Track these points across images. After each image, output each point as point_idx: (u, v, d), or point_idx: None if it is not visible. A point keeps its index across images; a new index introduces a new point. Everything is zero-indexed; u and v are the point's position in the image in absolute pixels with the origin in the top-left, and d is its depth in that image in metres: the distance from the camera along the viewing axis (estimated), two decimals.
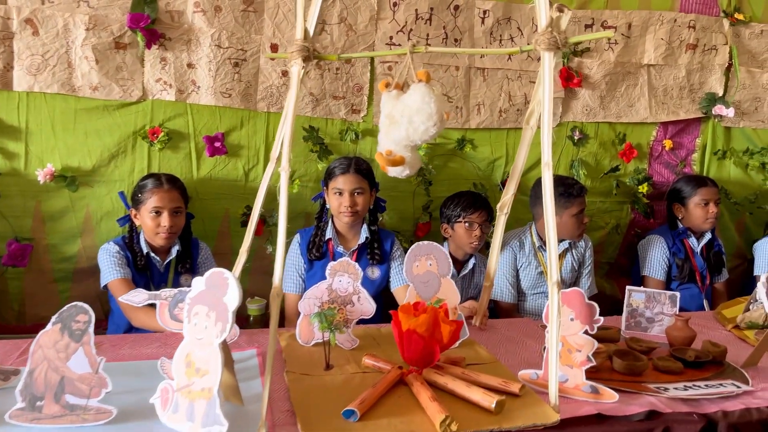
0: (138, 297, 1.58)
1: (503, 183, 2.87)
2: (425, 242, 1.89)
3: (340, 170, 2.34)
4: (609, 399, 1.54)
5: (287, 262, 2.45)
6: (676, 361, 1.79)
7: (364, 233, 2.41)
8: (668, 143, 3.07)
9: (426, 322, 1.55)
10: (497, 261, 2.05)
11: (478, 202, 2.52)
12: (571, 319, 1.58)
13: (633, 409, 1.47)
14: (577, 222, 2.57)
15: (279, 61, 2.47)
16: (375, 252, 2.41)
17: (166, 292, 1.59)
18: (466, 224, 2.50)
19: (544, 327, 1.59)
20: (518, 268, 2.67)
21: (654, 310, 2.13)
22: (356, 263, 1.80)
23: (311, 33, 1.57)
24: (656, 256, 2.87)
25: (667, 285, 2.89)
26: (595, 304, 1.57)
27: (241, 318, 2.53)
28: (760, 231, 3.27)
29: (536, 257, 2.66)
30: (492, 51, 2.64)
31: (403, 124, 1.51)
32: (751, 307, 2.22)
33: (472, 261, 2.62)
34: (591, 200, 3.01)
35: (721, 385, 1.67)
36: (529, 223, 2.73)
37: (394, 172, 1.59)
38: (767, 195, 3.21)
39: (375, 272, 2.41)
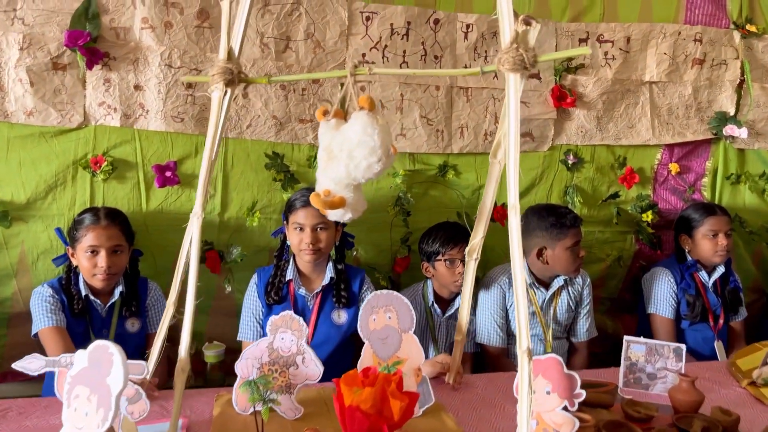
0: (33, 364, 1.34)
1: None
2: (384, 292, 1.64)
3: (300, 203, 2.10)
4: None
5: (244, 305, 2.21)
6: None
7: (329, 273, 2.16)
8: (674, 167, 2.79)
9: (372, 398, 1.29)
10: (468, 314, 1.79)
11: (458, 235, 2.26)
12: (548, 393, 1.31)
13: None
14: (571, 256, 2.29)
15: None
16: (341, 294, 2.15)
17: (67, 358, 1.34)
18: (447, 262, 2.24)
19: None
20: (507, 307, 2.39)
21: (656, 364, 1.85)
22: (300, 318, 1.55)
23: (236, 52, 1.33)
24: (662, 292, 2.58)
25: (677, 325, 2.60)
26: (576, 375, 1.30)
27: (199, 363, 2.29)
28: None
29: (528, 295, 2.38)
30: (451, 72, 2.37)
31: (342, 160, 1.27)
32: None
33: (458, 301, 2.35)
34: (589, 230, 2.75)
35: None
36: None
37: (334, 215, 1.35)
38: None
39: (342, 316, 2.15)
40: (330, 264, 2.18)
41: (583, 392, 1.29)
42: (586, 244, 2.76)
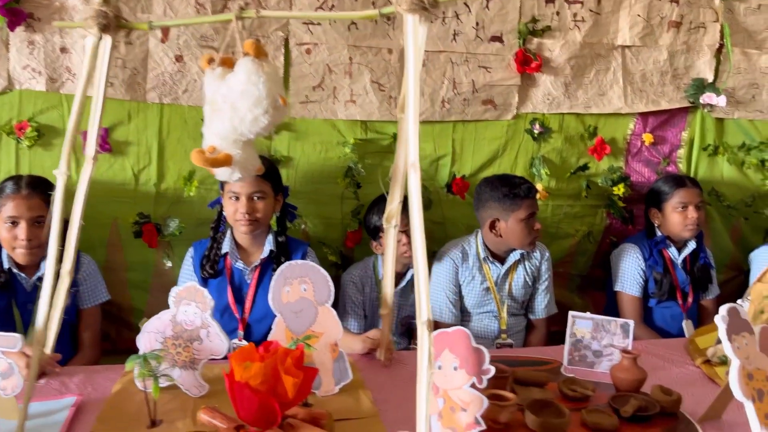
0: None
1: (450, 186, 2.49)
2: (299, 262, 1.53)
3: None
4: None
5: (179, 280, 2.10)
6: (612, 415, 1.40)
7: (268, 245, 2.05)
8: (648, 137, 2.64)
9: (261, 374, 1.18)
10: (392, 285, 1.67)
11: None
12: (455, 368, 1.20)
13: None
14: (526, 228, 2.17)
15: (172, 44, 2.12)
16: None
17: None
18: None
19: None
20: (461, 283, 2.28)
21: (602, 341, 1.73)
22: (205, 290, 1.45)
23: None
24: (629, 269, 2.46)
25: (645, 303, 2.48)
26: (484, 349, 1.19)
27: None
28: (758, 238, 2.82)
29: (482, 270, 2.27)
30: (345, 15, 2.15)
31: (226, 112, 1.15)
32: None
33: (410, 272, 2.25)
34: (557, 204, 2.62)
35: None
36: (476, 231, 2.34)
37: (222, 175, 1.23)
38: (766, 197, 2.76)
39: None
40: (270, 236, 2.07)
41: (492, 368, 1.18)
42: (555, 218, 2.64)
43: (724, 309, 1.36)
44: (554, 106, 2.53)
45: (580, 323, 1.75)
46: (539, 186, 2.51)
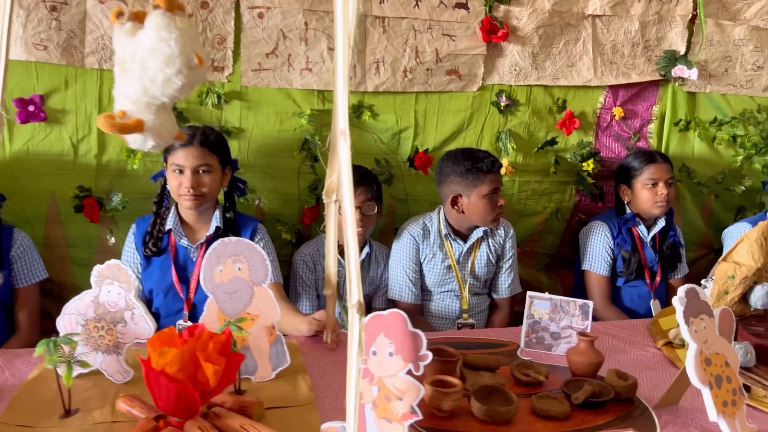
0: None
1: (412, 160, 2.38)
2: (233, 239, 1.41)
3: (180, 142, 1.86)
4: None
5: (122, 258, 1.98)
6: (564, 401, 1.33)
7: (215, 222, 1.93)
8: (618, 111, 2.55)
9: (178, 360, 1.08)
10: (335, 264, 1.57)
11: (357, 180, 2.03)
12: (390, 354, 1.11)
13: None
14: (489, 204, 2.07)
15: (112, 5, 1.97)
16: None
17: None
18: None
19: None
20: (422, 260, 2.19)
21: (561, 323, 1.66)
22: (128, 269, 1.33)
23: None
24: (597, 247, 2.39)
25: (613, 282, 2.41)
26: (421, 334, 1.09)
27: None
28: (729, 216, 2.76)
29: (443, 248, 2.18)
30: None
31: (136, 72, 1.03)
32: None
33: (365, 250, 2.17)
34: (524, 180, 2.53)
35: None
36: (438, 207, 2.24)
37: (134, 142, 1.11)
38: (737, 174, 2.70)
39: None
40: (217, 212, 1.96)
41: (429, 354, 1.09)
42: (522, 194, 2.56)
43: (682, 290, 1.29)
44: (521, 77, 2.43)
45: (538, 304, 1.66)
46: (505, 161, 2.42)
